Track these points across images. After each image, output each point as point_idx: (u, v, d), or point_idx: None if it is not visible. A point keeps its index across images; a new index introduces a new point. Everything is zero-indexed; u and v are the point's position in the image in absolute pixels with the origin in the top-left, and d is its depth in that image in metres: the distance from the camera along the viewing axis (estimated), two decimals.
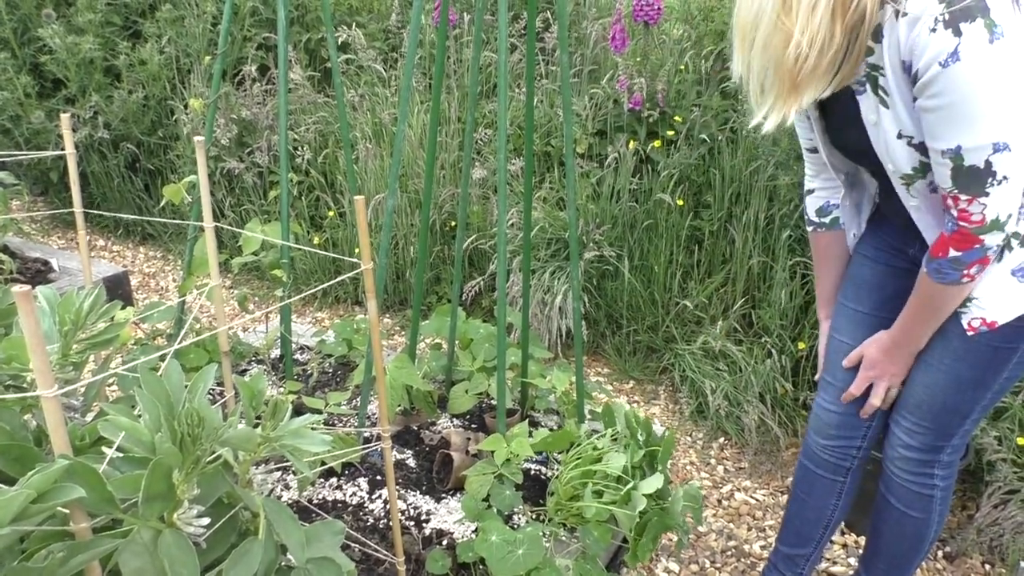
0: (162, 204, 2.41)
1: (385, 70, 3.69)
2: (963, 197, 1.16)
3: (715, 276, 2.82)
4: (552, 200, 3.12)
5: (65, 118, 1.76)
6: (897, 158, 1.23)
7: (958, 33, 1.04)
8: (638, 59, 3.12)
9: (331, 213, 3.45)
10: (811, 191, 1.58)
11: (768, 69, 1.19)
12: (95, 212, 2.61)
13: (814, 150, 1.51)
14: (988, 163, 1.12)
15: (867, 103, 1.22)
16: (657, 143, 2.94)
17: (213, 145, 3.53)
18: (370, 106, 3.57)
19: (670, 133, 2.94)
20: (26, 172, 4.01)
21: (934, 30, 1.05)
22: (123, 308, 2.17)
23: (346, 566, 0.92)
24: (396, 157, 1.74)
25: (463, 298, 3.08)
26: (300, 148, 3.51)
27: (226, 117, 3.58)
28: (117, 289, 3.15)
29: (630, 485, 1.64)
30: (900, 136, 1.21)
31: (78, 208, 1.84)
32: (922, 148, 1.20)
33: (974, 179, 1.14)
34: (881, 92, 1.19)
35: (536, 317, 2.87)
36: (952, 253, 1.22)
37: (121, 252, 3.97)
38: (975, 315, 1.32)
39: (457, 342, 2.29)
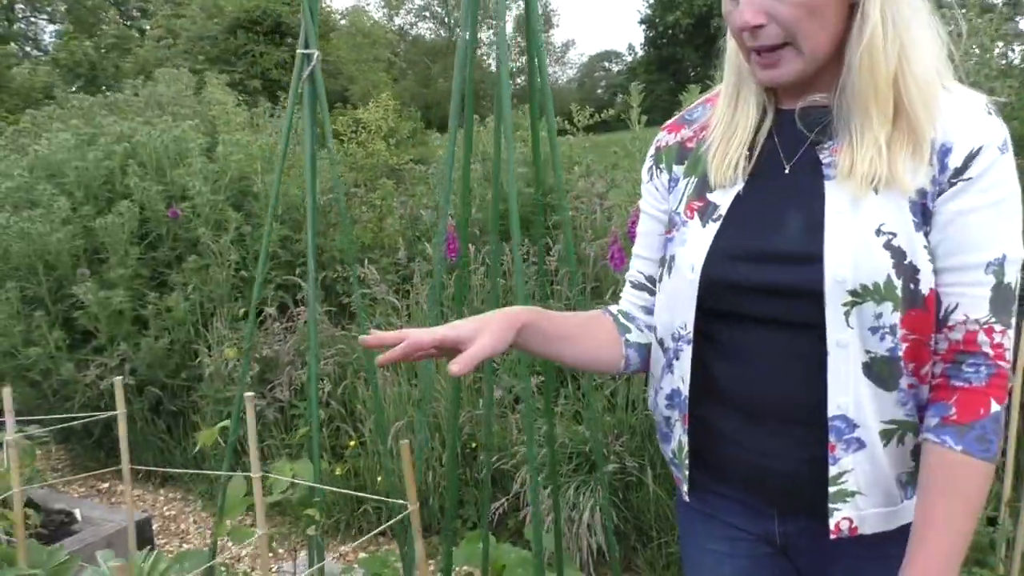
0: (197, 448, 2.47)
1: (398, 300, 3.89)
2: (997, 328, 0.95)
3: None
4: (568, 414, 3.19)
5: (118, 382, 1.88)
6: (867, 261, 0.94)
7: (1003, 126, 0.95)
8: None
9: (352, 443, 3.50)
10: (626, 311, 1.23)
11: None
12: (141, 468, 2.67)
13: (642, 287, 1.20)
14: (1018, 281, 0.95)
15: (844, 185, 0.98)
16: None
17: (235, 383, 3.65)
18: None
19: None
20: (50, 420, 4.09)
21: (990, 114, 0.95)
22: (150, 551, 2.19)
23: None
24: (427, 392, 1.84)
25: (489, 520, 3.05)
26: (320, 381, 3.63)
27: (248, 356, 3.73)
28: (139, 535, 3.13)
29: None
30: (880, 232, 0.95)
31: (126, 466, 1.91)
32: (899, 253, 0.94)
33: (1007, 302, 0.95)
34: None
35: (564, 536, 2.84)
36: (994, 408, 0.94)
37: (142, 496, 3.96)
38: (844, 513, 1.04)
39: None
